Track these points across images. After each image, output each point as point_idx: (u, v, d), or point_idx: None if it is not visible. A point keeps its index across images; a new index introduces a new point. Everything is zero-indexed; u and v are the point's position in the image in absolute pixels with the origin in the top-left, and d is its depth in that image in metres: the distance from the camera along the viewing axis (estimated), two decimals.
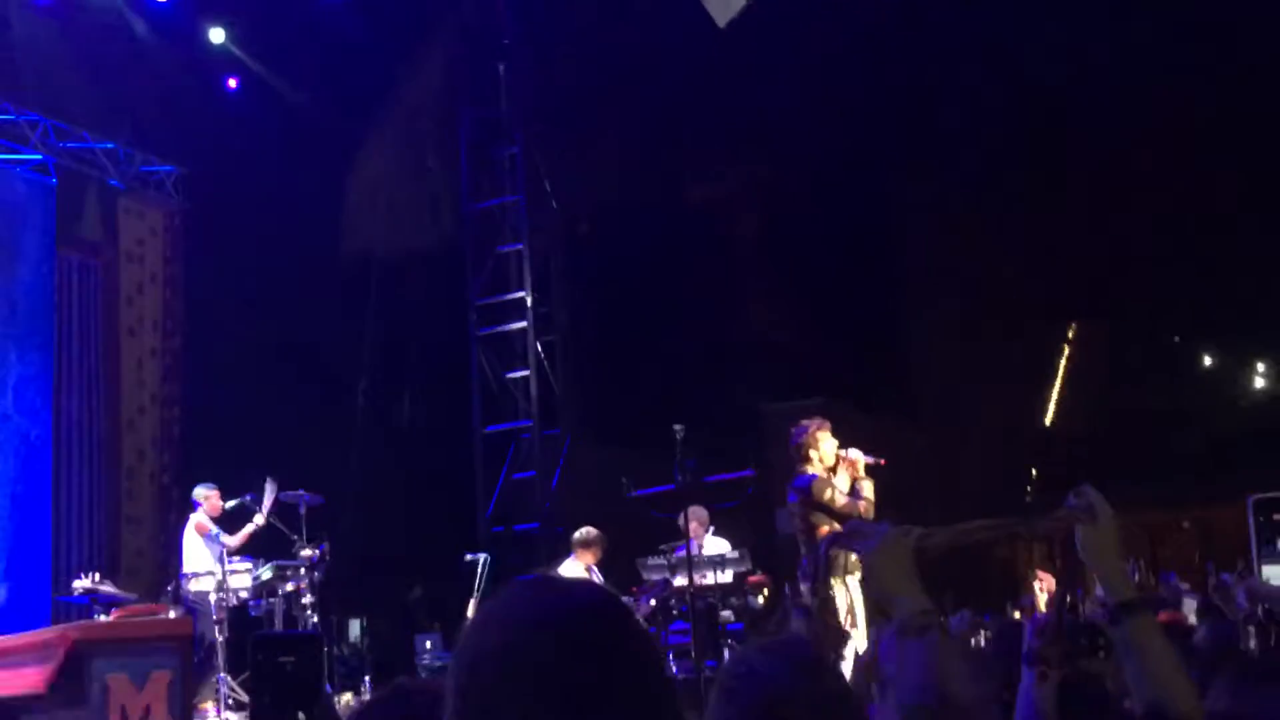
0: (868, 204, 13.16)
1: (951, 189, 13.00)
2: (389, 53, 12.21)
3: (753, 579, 9.27)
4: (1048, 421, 14.90)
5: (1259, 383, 14.51)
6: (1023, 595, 12.13)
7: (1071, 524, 2.35)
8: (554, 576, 1.63)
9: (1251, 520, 4.54)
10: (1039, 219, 13.24)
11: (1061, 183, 13.11)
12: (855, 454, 6.83)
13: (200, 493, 9.12)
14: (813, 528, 6.68)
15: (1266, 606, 7.18)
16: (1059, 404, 15.02)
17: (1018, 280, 13.43)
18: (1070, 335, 15.23)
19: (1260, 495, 4.71)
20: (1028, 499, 14.48)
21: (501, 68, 12.86)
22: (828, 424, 6.94)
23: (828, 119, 11.71)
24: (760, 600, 9.49)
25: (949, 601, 10.13)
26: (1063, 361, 15.24)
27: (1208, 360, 14.47)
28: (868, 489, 6.76)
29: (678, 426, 7.13)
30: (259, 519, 8.75)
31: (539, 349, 12.45)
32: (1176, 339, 14.13)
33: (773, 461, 12.24)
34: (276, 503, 8.88)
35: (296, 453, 10.56)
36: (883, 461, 6.87)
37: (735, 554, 9.21)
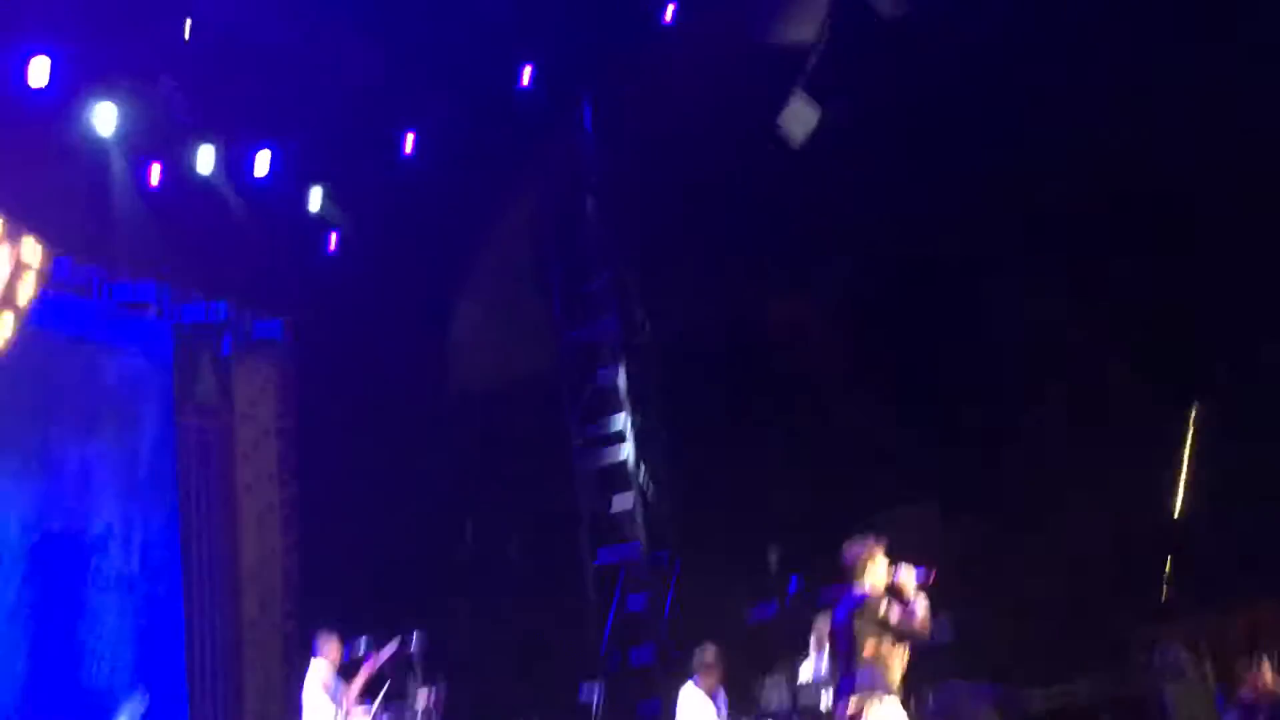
0: (967, 301, 12.98)
1: (1052, 273, 12.76)
2: (480, 195, 12.63)
3: None
4: (1176, 512, 14.25)
5: None
6: None
7: (1162, 685, 2.28)
8: None
9: None
10: (1146, 301, 12.89)
11: (1161, 265, 12.77)
12: (906, 575, 6.77)
13: (322, 638, 9.24)
14: (859, 646, 6.62)
15: None
16: (1186, 491, 14.37)
17: (1131, 366, 13.04)
18: (1192, 417, 14.66)
19: None
20: (1164, 596, 13.84)
21: (588, 200, 13.20)
22: (882, 546, 6.91)
23: (908, 223, 11.68)
24: None
25: None
26: (1187, 447, 14.63)
27: None
28: (921, 607, 6.67)
29: (772, 551, 7.05)
30: (371, 666, 8.82)
31: (642, 474, 12.48)
32: None
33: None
34: (396, 653, 8.95)
35: (410, 595, 10.69)
36: (933, 577, 6.77)
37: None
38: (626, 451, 12.50)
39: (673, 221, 12.66)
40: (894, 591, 6.70)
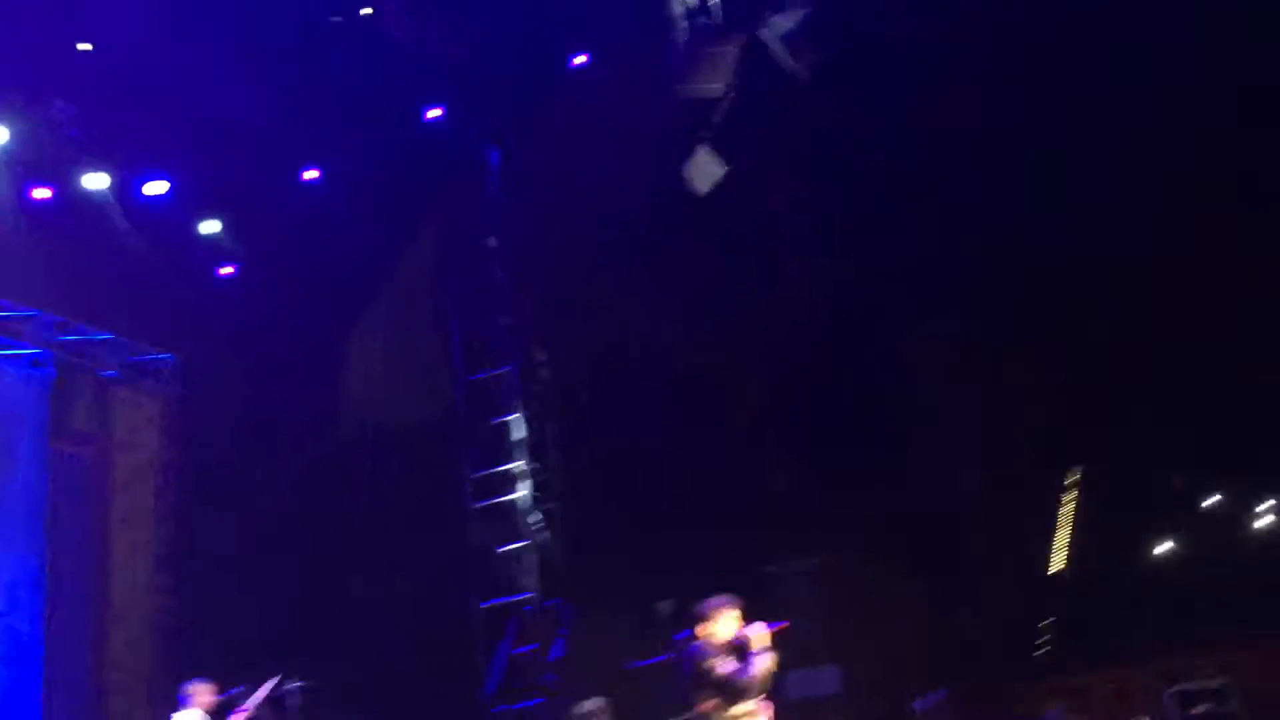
0: (867, 358, 13.20)
1: (949, 340, 13.06)
2: (382, 232, 12.49)
3: None
4: (1054, 569, 14.62)
5: (1263, 521, 14.30)
6: None
7: None
8: None
9: (1175, 716, 4.31)
10: (1038, 365, 13.25)
11: (1056, 330, 13.16)
12: (754, 630, 6.68)
13: (191, 688, 8.89)
14: (694, 700, 6.58)
15: None
16: (1068, 551, 14.77)
17: (1019, 427, 13.38)
18: (1073, 480, 15.08)
19: (1177, 688, 4.56)
20: (1041, 650, 14.13)
21: (492, 240, 13.13)
22: (736, 606, 6.82)
23: (808, 274, 11.88)
24: None
25: None
26: (1068, 508, 15.05)
27: (1209, 501, 14.31)
28: (761, 663, 6.54)
29: (662, 604, 7.02)
30: (244, 713, 8.50)
31: (536, 519, 12.36)
32: (1177, 480, 14.01)
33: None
34: (270, 698, 8.64)
35: (291, 640, 10.37)
36: (784, 626, 6.77)
37: None
38: (521, 496, 12.37)
39: (576, 268, 12.67)
40: (735, 648, 6.62)
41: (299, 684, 8.64)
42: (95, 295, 11.07)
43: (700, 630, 6.74)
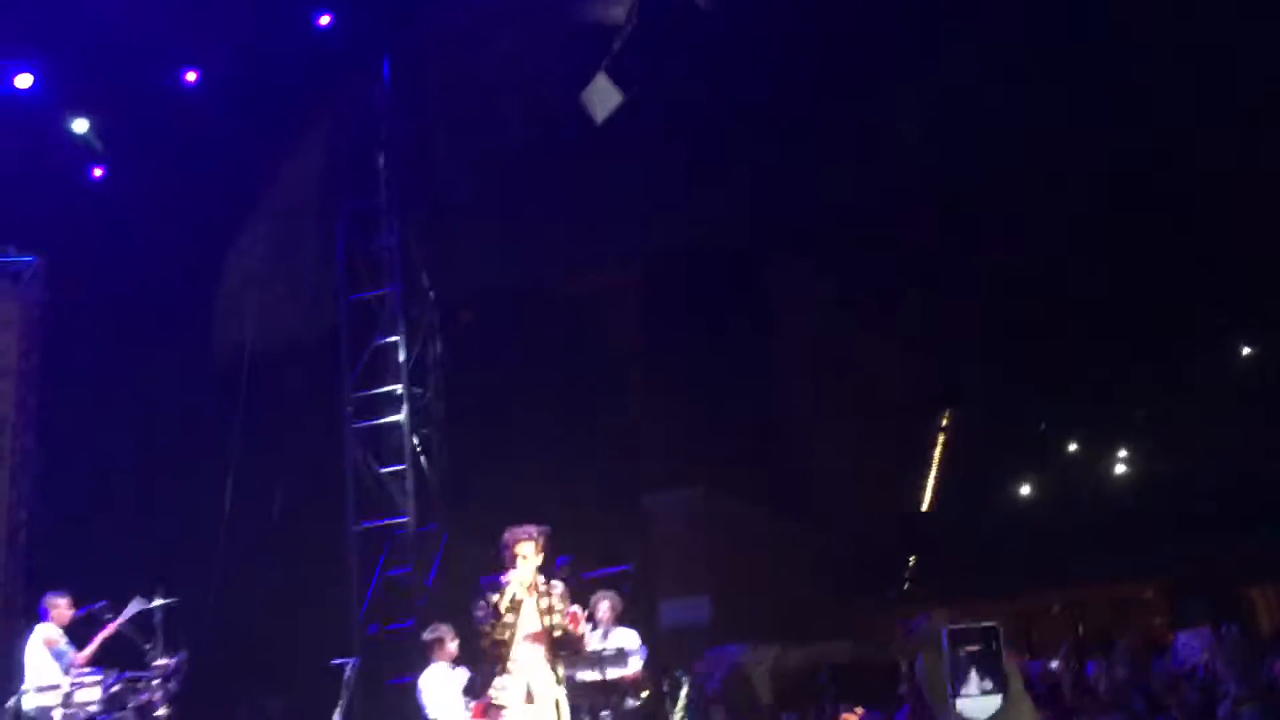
0: (744, 294, 13.33)
1: (825, 275, 13.25)
2: (265, 142, 12.08)
3: (629, 677, 9.09)
4: (924, 508, 15.14)
5: (1120, 469, 15.00)
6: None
7: (916, 650, 2.45)
8: None
9: (946, 653, 4.42)
10: (912, 306, 13.55)
11: (934, 268, 13.44)
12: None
13: (49, 601, 8.65)
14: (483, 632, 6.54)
15: None
16: (935, 491, 15.28)
17: (893, 368, 13.70)
18: (944, 422, 15.56)
19: (953, 626, 4.66)
20: (905, 586, 14.64)
21: (380, 159, 12.81)
22: (542, 538, 6.71)
23: (703, 207, 11.89)
24: (640, 699, 9.31)
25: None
26: (938, 449, 15.54)
27: (1073, 446, 14.93)
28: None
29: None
30: (110, 627, 8.31)
31: (415, 442, 12.25)
32: (1043, 426, 14.58)
33: (654, 555, 12.19)
34: (136, 616, 8.45)
35: (156, 555, 10.13)
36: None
37: (635, 650, 9.03)
38: (400, 419, 12.23)
39: (466, 189, 12.46)
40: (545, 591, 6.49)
41: (164, 601, 8.44)
42: None
43: (508, 563, 6.57)
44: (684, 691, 9.37)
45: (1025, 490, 14.66)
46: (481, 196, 12.29)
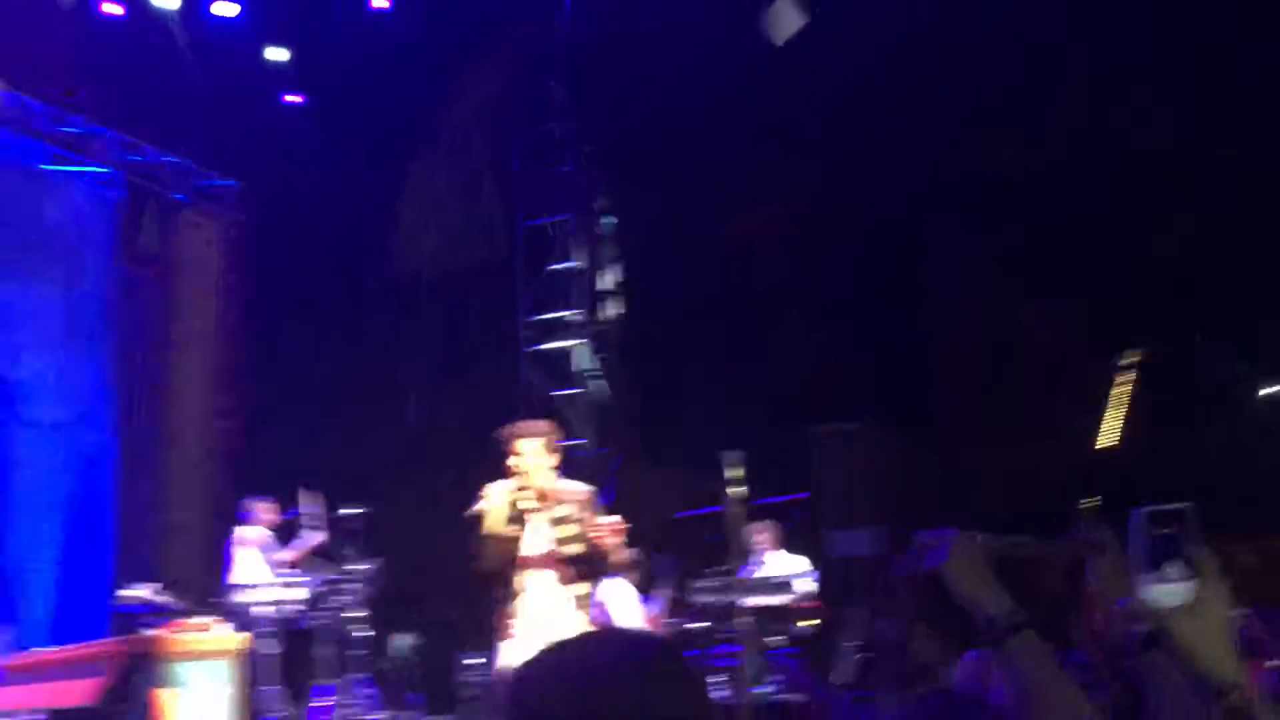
0: (906, 231, 13.02)
1: (997, 220, 12.84)
2: (442, 69, 12.29)
3: (804, 604, 9.19)
4: (1101, 450, 14.67)
5: None
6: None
7: (1086, 553, 2.46)
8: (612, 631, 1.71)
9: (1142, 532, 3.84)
10: (1084, 246, 13.05)
11: (1104, 217, 12.88)
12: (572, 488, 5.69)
13: (251, 505, 9.18)
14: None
15: None
16: (1110, 433, 14.79)
17: (1068, 310, 13.26)
18: (1124, 363, 15.01)
19: (1154, 508, 4.04)
20: (1078, 529, 14.27)
21: (556, 85, 12.91)
22: (550, 434, 5.85)
23: (880, 141, 11.62)
24: (810, 626, 9.40)
25: None
26: (1115, 390, 15.01)
27: (1264, 391, 14.23)
28: (544, 526, 5.58)
29: (727, 453, 6.92)
30: (315, 536, 8.79)
31: (589, 366, 12.46)
32: (1234, 371, 13.91)
33: (822, 484, 12.17)
34: (323, 516, 8.92)
35: (350, 466, 10.62)
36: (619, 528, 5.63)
37: (805, 574, 9.15)
38: (575, 344, 12.45)
39: (643, 114, 12.46)
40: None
41: (360, 510, 8.87)
42: (163, 117, 11.03)
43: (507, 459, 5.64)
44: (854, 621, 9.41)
45: (1212, 438, 14.05)
46: (660, 120, 12.26)
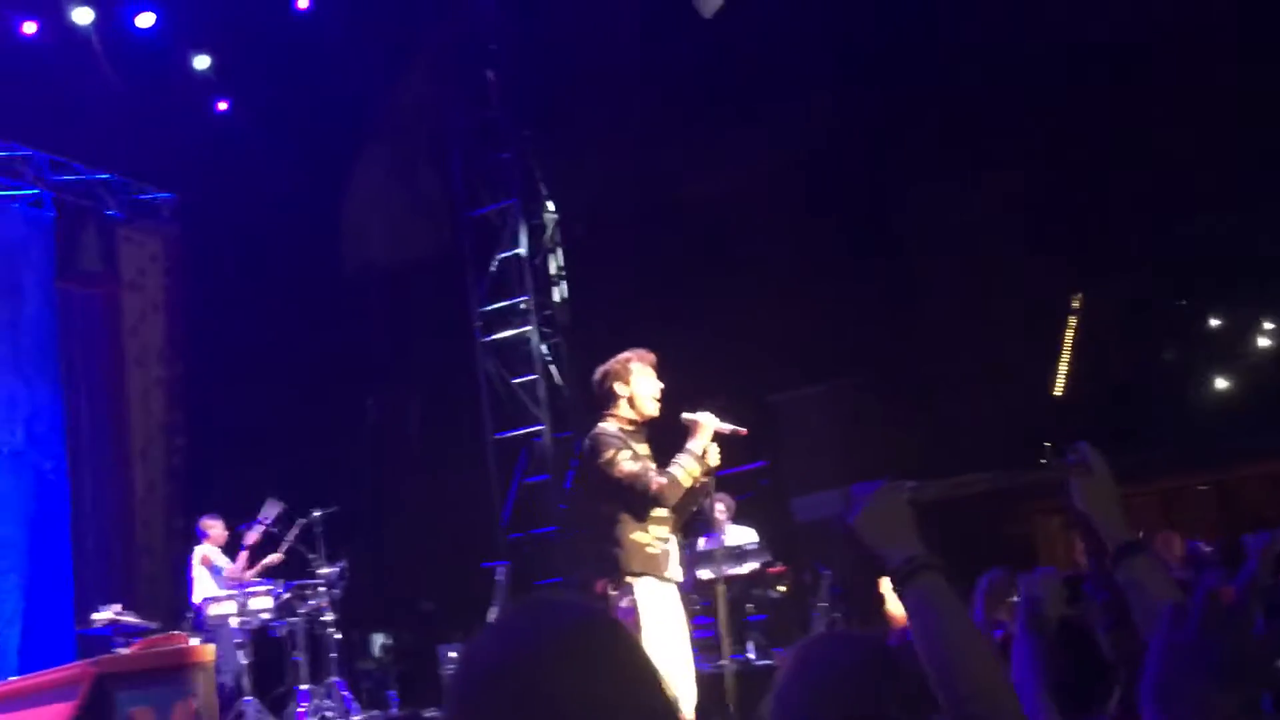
0: (863, 190, 13.08)
1: (952, 167, 12.91)
2: (375, 62, 12.19)
3: (773, 570, 9.27)
4: (1058, 393, 14.83)
5: (1264, 342, 14.45)
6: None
7: (1067, 477, 2.45)
8: (549, 598, 1.71)
9: None
10: (1037, 191, 13.15)
11: (1057, 152, 12.99)
12: (705, 418, 5.20)
13: (204, 523, 9.20)
14: (595, 511, 5.01)
15: None
16: (1069, 376, 14.95)
17: (1019, 255, 13.37)
18: (1076, 305, 15.16)
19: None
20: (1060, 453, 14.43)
21: (490, 73, 12.83)
22: (650, 357, 5.37)
23: (821, 110, 11.65)
24: (780, 591, 9.48)
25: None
26: (1070, 332, 15.17)
27: (1214, 321, 14.41)
28: (706, 452, 5.09)
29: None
30: (252, 536, 8.79)
31: (544, 352, 12.45)
32: (1183, 302, 14.09)
33: (784, 452, 12.24)
34: (282, 522, 8.90)
35: (307, 471, 10.57)
36: (743, 431, 5.40)
37: (756, 544, 9.22)
38: (528, 330, 12.43)
39: (579, 95, 12.41)
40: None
41: (323, 512, 8.85)
42: (91, 134, 10.86)
43: (610, 394, 5.10)
44: (824, 584, 9.50)
45: (1164, 369, 14.24)
46: (596, 100, 12.22)
